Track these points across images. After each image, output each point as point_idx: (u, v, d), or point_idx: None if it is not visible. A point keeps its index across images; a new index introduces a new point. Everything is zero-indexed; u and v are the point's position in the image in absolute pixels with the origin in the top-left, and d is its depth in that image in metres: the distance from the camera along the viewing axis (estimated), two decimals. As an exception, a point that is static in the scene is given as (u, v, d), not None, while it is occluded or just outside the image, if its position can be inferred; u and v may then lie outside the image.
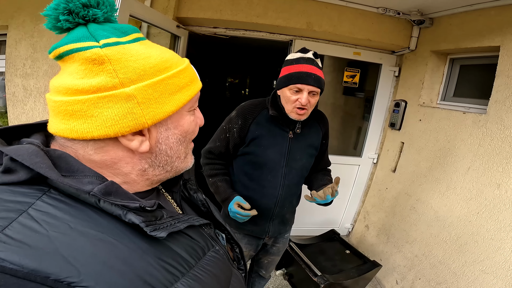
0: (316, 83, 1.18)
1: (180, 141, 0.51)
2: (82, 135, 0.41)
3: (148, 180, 0.51)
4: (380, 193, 2.69)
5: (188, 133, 0.52)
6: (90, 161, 0.44)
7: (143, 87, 0.42)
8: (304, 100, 1.18)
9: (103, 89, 0.40)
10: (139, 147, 0.45)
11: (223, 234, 0.67)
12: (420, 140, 2.28)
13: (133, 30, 0.47)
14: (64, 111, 0.41)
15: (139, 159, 0.47)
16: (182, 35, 2.26)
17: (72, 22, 0.42)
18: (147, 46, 0.46)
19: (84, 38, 0.41)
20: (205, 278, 0.46)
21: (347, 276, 1.95)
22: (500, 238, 1.57)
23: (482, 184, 1.73)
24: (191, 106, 0.52)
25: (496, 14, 1.75)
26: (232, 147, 1.34)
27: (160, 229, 0.42)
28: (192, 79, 0.51)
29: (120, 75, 0.41)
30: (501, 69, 1.70)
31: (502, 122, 1.66)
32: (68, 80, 0.41)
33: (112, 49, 0.41)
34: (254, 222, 1.40)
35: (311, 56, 1.23)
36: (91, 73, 0.40)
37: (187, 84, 0.49)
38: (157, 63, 0.45)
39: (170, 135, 0.49)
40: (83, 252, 0.35)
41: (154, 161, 0.49)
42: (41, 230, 0.34)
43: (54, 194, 0.38)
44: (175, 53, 0.51)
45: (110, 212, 0.40)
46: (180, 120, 0.50)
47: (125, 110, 0.41)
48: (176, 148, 0.51)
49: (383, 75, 2.63)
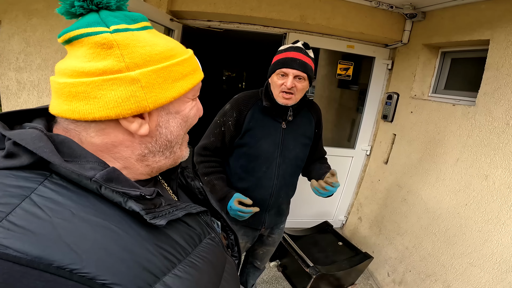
0: (300, 67, 1.20)
1: (181, 125, 0.53)
2: (84, 116, 0.42)
3: (148, 166, 0.51)
4: (373, 185, 2.72)
5: (189, 118, 0.54)
6: (92, 144, 0.45)
7: (147, 72, 0.44)
8: (289, 83, 1.20)
9: (108, 72, 0.41)
10: (138, 129, 0.46)
11: (219, 222, 0.69)
12: (411, 132, 2.30)
13: (142, 18, 0.48)
14: (68, 92, 0.42)
15: (139, 143, 0.48)
16: (176, 29, 2.26)
17: (86, 8, 0.43)
18: (154, 35, 0.48)
19: (95, 23, 0.42)
20: (201, 265, 0.47)
21: (339, 268, 1.99)
22: (487, 230, 1.59)
23: (470, 175, 1.75)
24: (194, 94, 0.54)
25: (487, 8, 1.76)
26: (228, 141, 1.34)
27: (160, 217, 0.43)
28: (195, 69, 0.53)
29: (127, 59, 0.42)
30: (491, 61, 1.72)
31: (490, 114, 1.68)
32: (74, 63, 0.42)
33: (122, 34, 0.43)
34: None
35: (300, 45, 1.25)
36: (98, 56, 0.41)
37: (190, 73, 0.51)
38: (163, 50, 0.46)
39: (171, 119, 0.51)
40: (85, 239, 0.36)
41: (154, 146, 0.50)
42: (44, 216, 0.34)
43: (56, 179, 0.39)
44: (180, 44, 0.52)
45: (111, 199, 0.41)
46: (182, 106, 0.52)
47: (129, 93, 0.43)
48: (177, 133, 0.52)
49: (376, 68, 2.64)
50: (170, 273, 0.42)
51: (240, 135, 1.32)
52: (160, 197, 0.47)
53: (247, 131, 1.30)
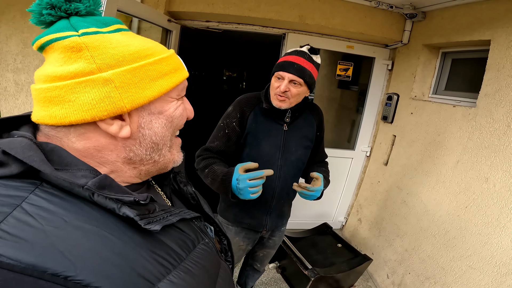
0: (297, 72, 1.18)
1: (166, 126, 0.51)
2: (60, 120, 0.42)
3: (136, 169, 0.51)
4: (373, 186, 2.70)
5: (174, 118, 0.52)
6: (74, 149, 0.44)
7: (121, 72, 0.43)
8: (283, 87, 1.19)
9: (80, 74, 0.41)
10: (119, 131, 0.45)
11: (212, 226, 0.68)
12: (411, 133, 2.28)
13: (115, 21, 0.48)
14: (44, 98, 0.42)
15: (122, 146, 0.47)
16: (174, 29, 2.25)
17: (55, 15, 0.43)
18: (129, 36, 0.47)
19: (64, 28, 0.42)
20: (195, 270, 0.47)
21: (338, 270, 1.98)
22: (487, 233, 1.57)
23: (470, 177, 1.74)
24: (178, 94, 0.52)
25: (487, 8, 1.74)
26: (234, 142, 1.32)
27: (154, 222, 0.43)
28: (177, 68, 0.51)
29: (98, 60, 0.42)
30: (491, 62, 1.69)
31: (491, 116, 1.66)
32: (48, 68, 0.42)
33: (91, 37, 0.42)
34: (252, 215, 1.41)
35: (304, 50, 1.24)
36: (69, 60, 0.41)
37: (170, 72, 0.49)
38: (138, 50, 0.45)
39: (153, 119, 0.49)
40: (78, 246, 0.36)
41: (139, 148, 0.49)
42: (36, 224, 0.34)
43: (47, 188, 0.39)
44: (160, 44, 0.51)
45: (104, 205, 0.40)
46: (165, 106, 0.50)
47: (103, 94, 0.42)
48: (162, 134, 0.51)
49: (376, 68, 2.62)
50: (164, 279, 0.42)
51: (243, 136, 1.31)
52: (154, 202, 0.47)
53: (248, 132, 1.30)
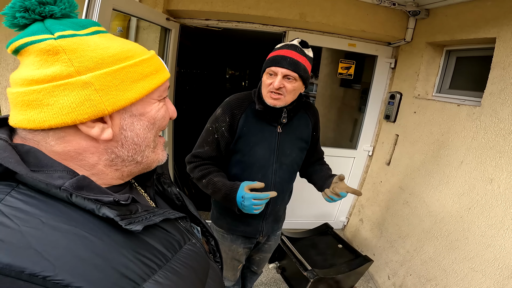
0: (291, 67, 1.10)
1: (148, 128, 0.51)
2: (39, 124, 0.41)
3: (118, 171, 0.50)
4: (375, 186, 2.67)
5: (156, 119, 0.52)
6: (54, 153, 0.44)
7: (100, 75, 0.42)
8: (277, 83, 1.11)
9: (58, 78, 0.40)
10: (100, 134, 0.44)
11: (198, 227, 0.68)
12: (414, 132, 2.24)
13: (92, 24, 0.47)
14: (21, 101, 0.41)
15: (104, 148, 0.47)
16: (173, 28, 2.23)
17: (29, 18, 0.42)
18: (108, 38, 0.46)
19: (39, 31, 0.41)
20: (182, 271, 0.47)
21: (338, 271, 1.95)
22: (490, 235, 1.54)
23: (474, 178, 1.70)
24: (160, 95, 0.52)
25: (492, 5, 1.69)
26: (224, 148, 1.25)
27: (135, 223, 0.42)
28: (158, 69, 0.51)
29: (76, 63, 0.41)
30: (497, 61, 1.65)
31: (496, 115, 1.61)
32: (24, 71, 0.42)
33: (68, 40, 0.42)
34: (247, 222, 1.36)
35: (295, 43, 1.16)
36: (46, 63, 0.41)
37: (152, 73, 0.49)
38: (117, 52, 0.45)
39: (135, 121, 0.49)
40: (56, 247, 0.35)
41: (121, 150, 0.48)
42: (13, 225, 0.34)
43: (23, 190, 0.38)
44: (140, 45, 0.51)
45: (83, 206, 0.40)
46: (147, 107, 0.50)
47: (82, 97, 0.41)
48: (144, 135, 0.50)
49: (378, 66, 2.58)
50: (150, 279, 0.41)
51: (233, 141, 1.23)
52: (136, 203, 0.47)
53: (240, 137, 1.22)
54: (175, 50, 2.34)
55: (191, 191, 3.49)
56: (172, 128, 2.57)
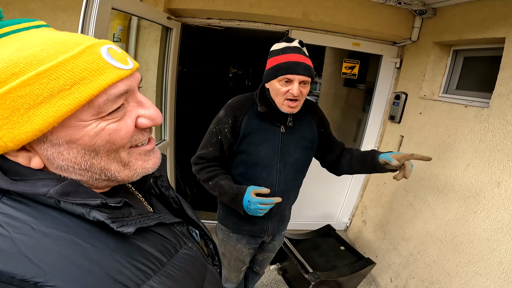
0: (306, 72, 1.12)
1: (88, 155, 0.41)
2: None
3: (93, 185, 0.46)
4: (379, 187, 2.63)
5: (96, 146, 0.40)
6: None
7: None
8: (296, 91, 1.12)
9: None
10: (29, 163, 0.40)
11: (197, 230, 0.66)
12: (420, 134, 2.20)
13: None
14: None
15: (56, 171, 0.42)
16: (174, 27, 2.20)
17: None
18: (5, 43, 0.35)
19: None
20: (178, 275, 0.46)
21: (340, 274, 1.93)
22: (496, 239, 1.51)
23: (481, 182, 1.66)
24: (98, 112, 0.39)
25: (502, 5, 1.64)
26: (227, 149, 1.26)
27: (128, 225, 0.41)
28: (85, 76, 0.36)
29: None
30: (506, 61, 1.60)
31: (505, 117, 1.57)
32: None
33: None
34: (252, 222, 1.37)
35: (297, 45, 1.16)
36: None
37: (72, 84, 0.35)
38: (0, 68, 0.33)
39: (63, 150, 0.39)
40: (47, 253, 0.35)
41: (73, 175, 0.43)
42: (3, 232, 0.34)
43: (14, 196, 0.37)
44: (60, 42, 0.37)
45: (72, 211, 0.39)
46: (75, 134, 0.38)
47: None
48: (88, 163, 0.41)
49: (383, 66, 2.53)
50: (144, 284, 0.40)
51: (237, 142, 1.25)
52: (130, 207, 0.45)
53: (244, 137, 1.23)
54: (177, 49, 2.32)
55: (193, 191, 3.48)
56: (173, 127, 2.55)
